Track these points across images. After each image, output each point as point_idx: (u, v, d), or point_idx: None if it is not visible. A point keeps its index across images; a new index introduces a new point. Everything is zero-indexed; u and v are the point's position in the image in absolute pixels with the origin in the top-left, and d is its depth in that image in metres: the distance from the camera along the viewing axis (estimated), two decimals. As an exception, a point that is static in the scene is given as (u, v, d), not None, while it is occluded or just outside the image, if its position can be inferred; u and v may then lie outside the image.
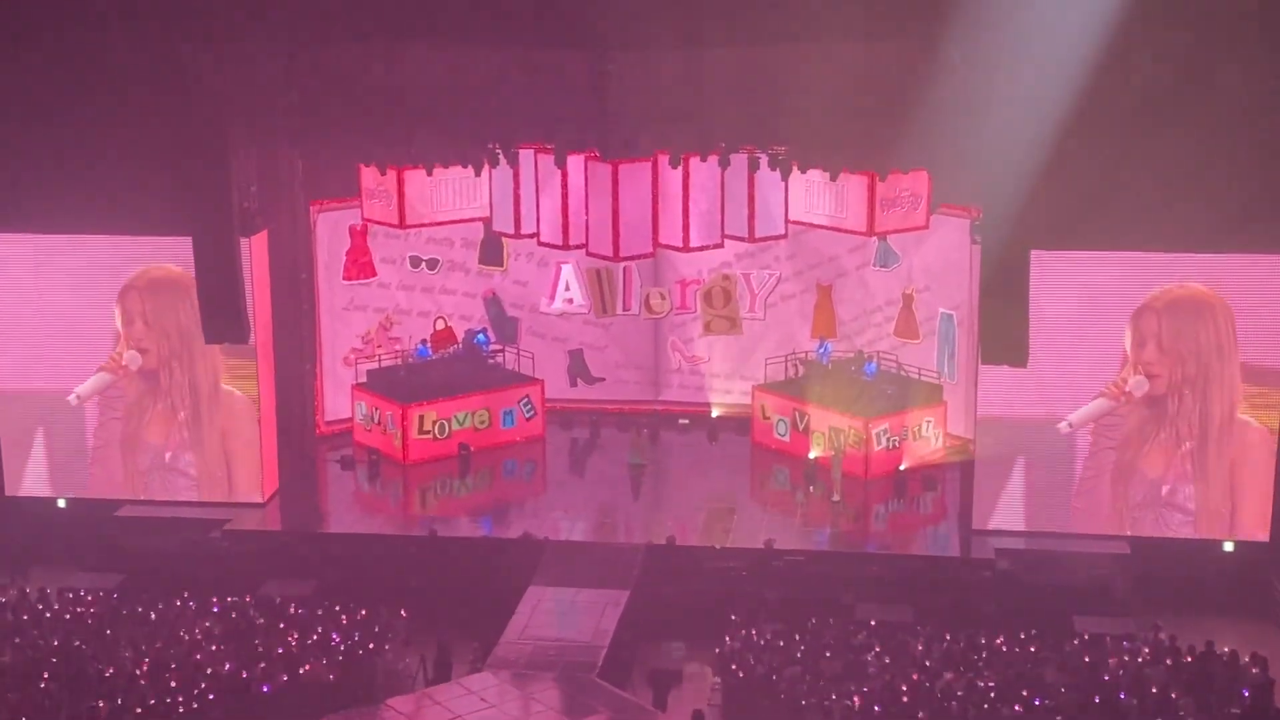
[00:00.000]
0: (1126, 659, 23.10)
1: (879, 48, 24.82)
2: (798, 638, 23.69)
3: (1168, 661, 23.11)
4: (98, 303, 28.71)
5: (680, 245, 28.91)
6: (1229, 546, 27.01)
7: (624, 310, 34.14)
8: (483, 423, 31.89)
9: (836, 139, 26.12)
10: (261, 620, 24.49)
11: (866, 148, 26.22)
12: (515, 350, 33.83)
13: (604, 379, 34.52)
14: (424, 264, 33.66)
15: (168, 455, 29.34)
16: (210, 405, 29.07)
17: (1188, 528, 27.17)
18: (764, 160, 27.99)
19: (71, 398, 29.02)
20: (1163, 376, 26.87)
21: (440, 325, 33.80)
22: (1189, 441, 27.02)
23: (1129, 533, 27.24)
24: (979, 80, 23.97)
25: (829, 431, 30.40)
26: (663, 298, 33.91)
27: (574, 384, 34.50)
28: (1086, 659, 23.09)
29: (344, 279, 32.84)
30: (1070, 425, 27.11)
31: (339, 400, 32.72)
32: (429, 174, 29.39)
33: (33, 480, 29.43)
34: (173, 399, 29.08)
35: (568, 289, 34.16)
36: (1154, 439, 27.13)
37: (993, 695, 21.75)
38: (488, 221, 30.87)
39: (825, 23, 24.55)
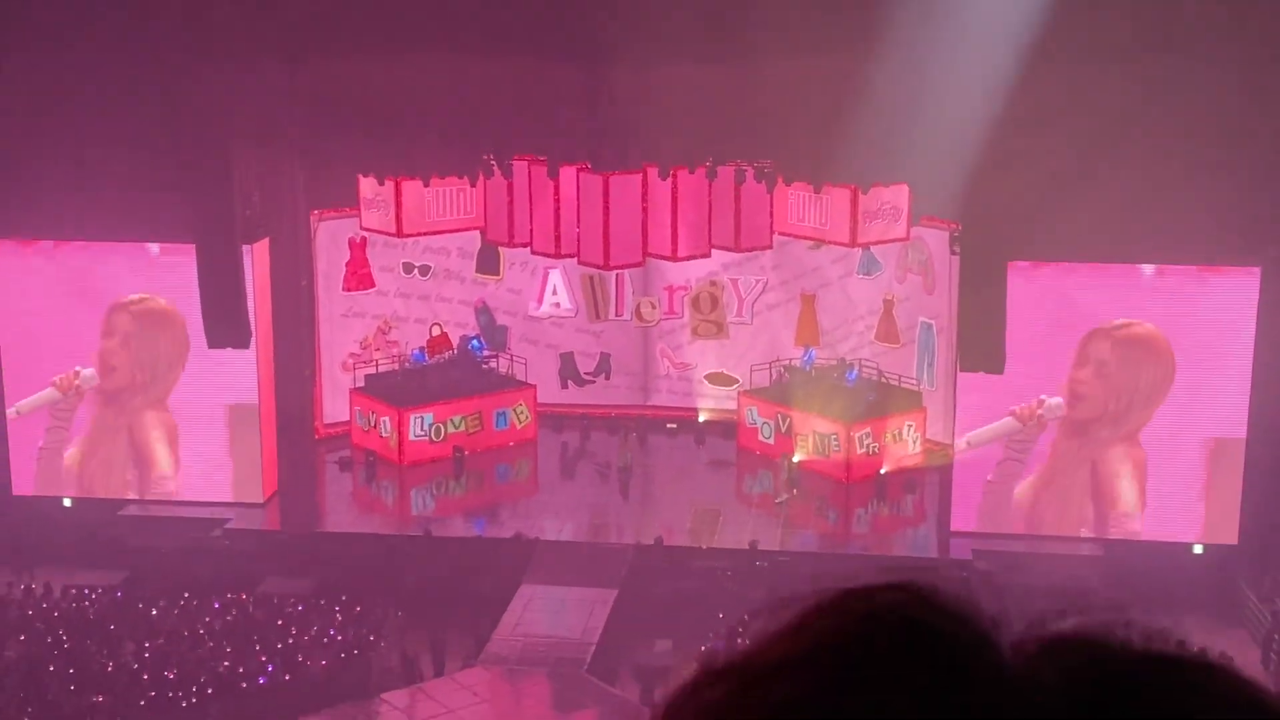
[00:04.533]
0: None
1: (863, 64, 25.43)
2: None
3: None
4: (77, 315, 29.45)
5: (669, 254, 29.56)
6: (1199, 549, 27.73)
7: (616, 315, 34.83)
8: (476, 426, 32.59)
9: (820, 153, 26.77)
10: (260, 617, 25.15)
11: (849, 161, 26.88)
12: (509, 356, 34.51)
13: (594, 381, 35.22)
14: (416, 270, 34.31)
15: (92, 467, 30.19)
16: (138, 431, 29.81)
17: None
18: (750, 173, 28.67)
19: (12, 411, 29.68)
20: (1090, 401, 27.53)
21: (436, 331, 34.43)
22: (1085, 466, 27.80)
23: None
24: (959, 97, 24.69)
25: (812, 436, 31.07)
26: (653, 307, 34.56)
27: (564, 385, 35.15)
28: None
29: (344, 290, 33.45)
30: (969, 444, 27.84)
31: (337, 403, 33.35)
32: (426, 184, 30.02)
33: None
34: (128, 431, 29.82)
35: (555, 293, 34.84)
36: (1069, 475, 27.86)
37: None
38: (483, 230, 31.54)
39: (810, 39, 25.17)
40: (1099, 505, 27.90)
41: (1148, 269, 27.08)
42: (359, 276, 33.58)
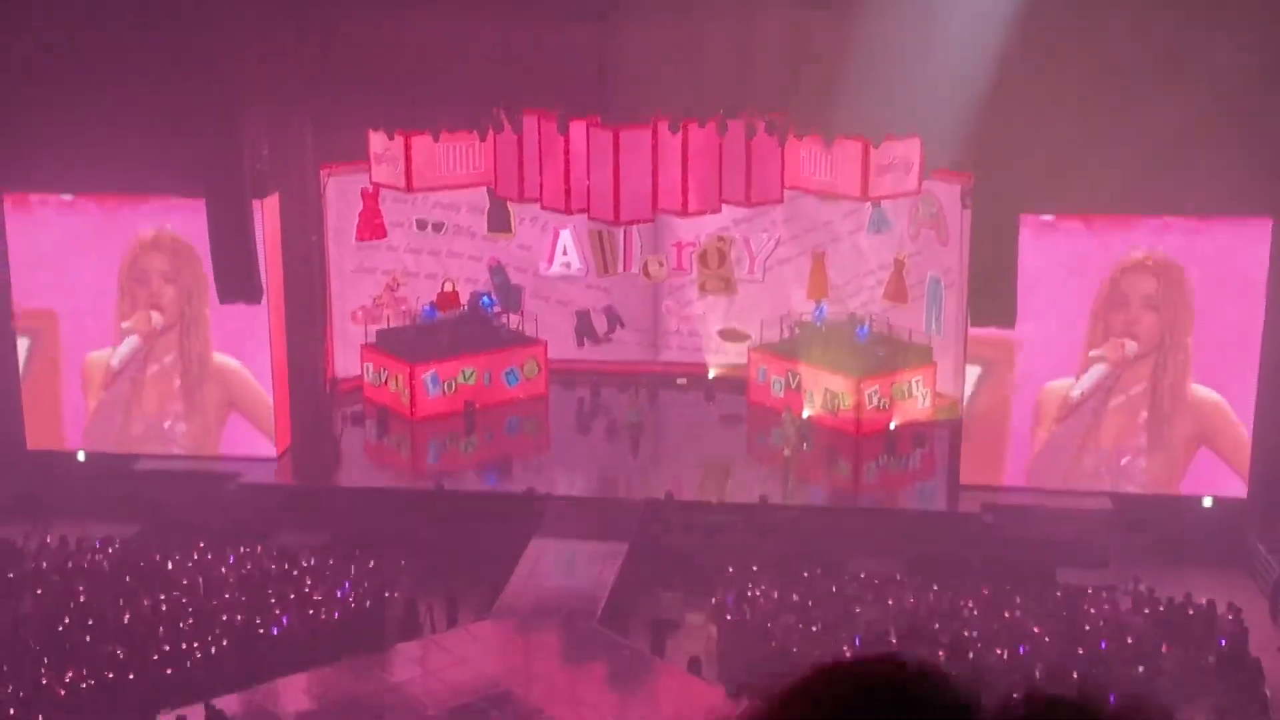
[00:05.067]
0: (1107, 609, 23.88)
1: (874, 16, 25.31)
2: (791, 589, 24.52)
3: (1146, 611, 23.89)
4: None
5: (679, 210, 29.50)
6: (1208, 502, 27.77)
7: (624, 270, 34.86)
8: (487, 382, 32.66)
9: (831, 106, 26.68)
10: (275, 570, 25.32)
11: (860, 114, 26.80)
12: (520, 312, 34.56)
13: (610, 339, 35.28)
14: (430, 227, 34.35)
15: (166, 424, 30.08)
16: (203, 374, 29.77)
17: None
18: (761, 127, 28.57)
19: (115, 361, 29.70)
20: (1143, 339, 27.49)
21: (447, 287, 34.49)
22: (1144, 411, 27.65)
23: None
24: (971, 49, 24.61)
25: (822, 391, 31.12)
26: (660, 264, 34.55)
27: (580, 343, 35.21)
28: (1069, 610, 23.89)
29: (356, 239, 33.51)
30: (1082, 394, 27.64)
31: (349, 359, 33.45)
32: (435, 139, 29.96)
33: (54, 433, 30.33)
34: (167, 362, 29.79)
35: (565, 253, 34.88)
36: (1106, 406, 27.73)
37: (978, 644, 22.55)
38: (492, 186, 31.52)
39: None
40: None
41: (1159, 220, 27.01)
42: (371, 226, 33.62)
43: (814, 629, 23.06)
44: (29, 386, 30.08)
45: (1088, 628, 23.23)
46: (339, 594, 24.40)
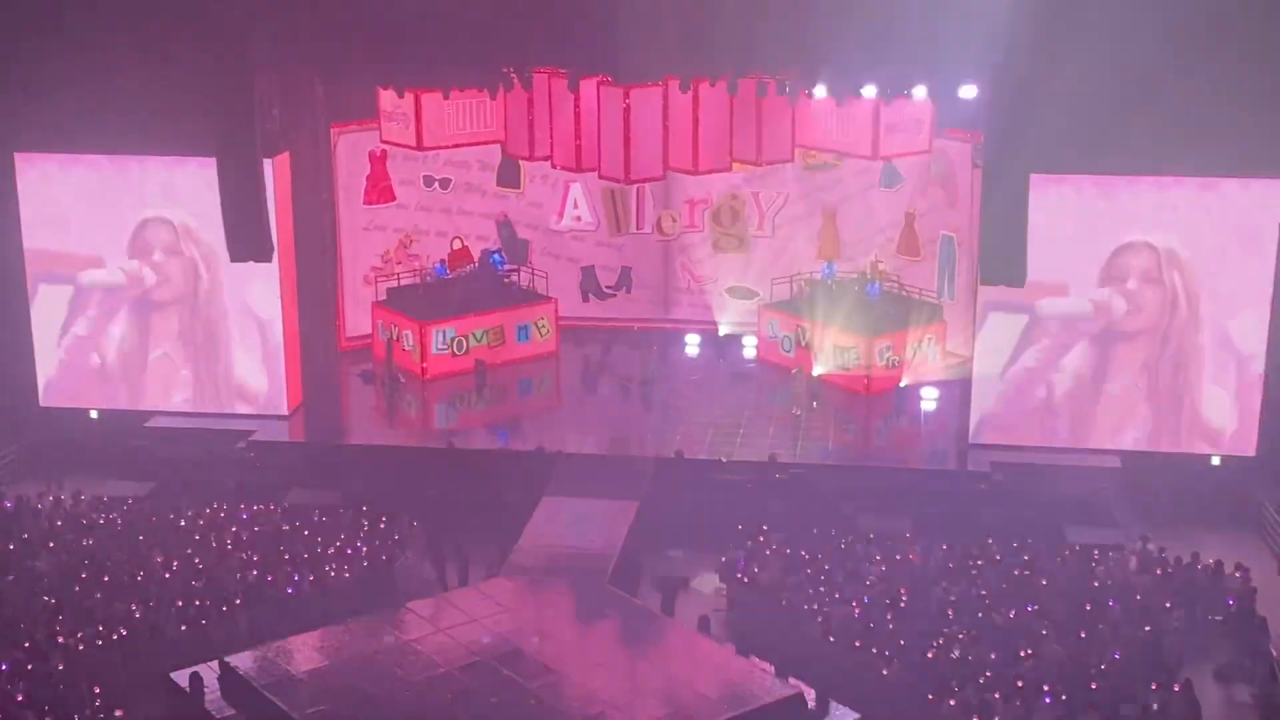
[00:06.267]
0: (1116, 568, 23.96)
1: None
2: (800, 548, 24.62)
3: (1156, 571, 23.97)
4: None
5: (690, 168, 29.47)
6: (1216, 461, 27.79)
7: (637, 229, 34.85)
8: (498, 339, 32.71)
9: (843, 65, 26.58)
10: (286, 528, 25.47)
11: (872, 73, 26.70)
12: (530, 269, 34.57)
13: (615, 295, 35.30)
14: (437, 184, 34.34)
15: (179, 400, 30.21)
16: (225, 357, 29.90)
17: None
18: (771, 86, 28.50)
19: (84, 277, 29.66)
20: (1145, 312, 27.33)
21: (457, 245, 34.53)
22: (1146, 406, 27.64)
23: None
24: (982, 7, 24.45)
25: (833, 349, 31.14)
26: (674, 220, 34.57)
27: (585, 299, 35.25)
28: (1077, 569, 23.97)
29: (364, 203, 33.54)
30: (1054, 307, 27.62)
31: (359, 317, 33.54)
32: (445, 97, 29.92)
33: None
34: (174, 342, 29.92)
35: (576, 206, 34.87)
36: (1103, 388, 27.74)
37: (986, 603, 22.66)
38: (503, 144, 31.49)
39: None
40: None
41: (1170, 179, 26.91)
42: (380, 190, 33.66)
43: (823, 588, 23.17)
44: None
45: (1096, 586, 23.30)
46: (350, 552, 24.55)
